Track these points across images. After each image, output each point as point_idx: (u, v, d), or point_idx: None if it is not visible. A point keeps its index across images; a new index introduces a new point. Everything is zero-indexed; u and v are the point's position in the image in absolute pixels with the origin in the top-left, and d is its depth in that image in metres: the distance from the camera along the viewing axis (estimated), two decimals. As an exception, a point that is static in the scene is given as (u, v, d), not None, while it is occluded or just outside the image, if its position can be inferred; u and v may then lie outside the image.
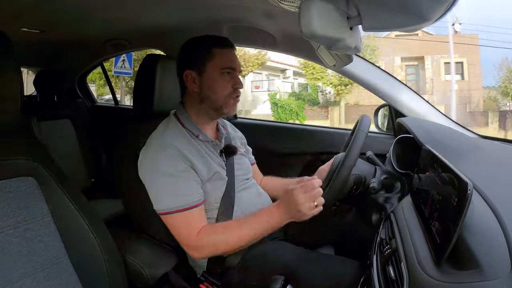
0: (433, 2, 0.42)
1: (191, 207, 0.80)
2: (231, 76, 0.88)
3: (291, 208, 0.77)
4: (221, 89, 0.87)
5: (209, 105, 0.89)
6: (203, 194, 0.84)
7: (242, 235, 0.80)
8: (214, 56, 0.86)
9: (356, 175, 0.87)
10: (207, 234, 0.81)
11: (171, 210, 0.80)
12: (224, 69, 0.86)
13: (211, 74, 0.86)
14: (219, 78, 0.86)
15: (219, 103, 0.88)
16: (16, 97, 0.64)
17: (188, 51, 0.90)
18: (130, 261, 0.82)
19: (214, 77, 0.86)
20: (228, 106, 0.89)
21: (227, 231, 0.81)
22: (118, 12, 1.09)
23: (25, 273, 0.64)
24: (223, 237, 0.81)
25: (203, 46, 0.88)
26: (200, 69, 0.87)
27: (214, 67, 0.86)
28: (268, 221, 0.80)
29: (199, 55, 0.87)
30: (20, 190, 0.67)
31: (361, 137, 0.77)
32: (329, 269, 0.82)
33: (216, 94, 0.87)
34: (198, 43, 0.89)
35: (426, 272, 0.48)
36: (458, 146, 0.91)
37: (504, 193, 0.59)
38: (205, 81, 0.87)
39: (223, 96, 0.87)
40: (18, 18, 1.10)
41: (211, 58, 0.86)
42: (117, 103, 2.23)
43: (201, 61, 0.86)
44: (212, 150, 0.91)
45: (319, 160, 1.47)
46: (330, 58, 0.75)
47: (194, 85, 0.88)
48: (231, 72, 0.88)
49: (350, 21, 0.49)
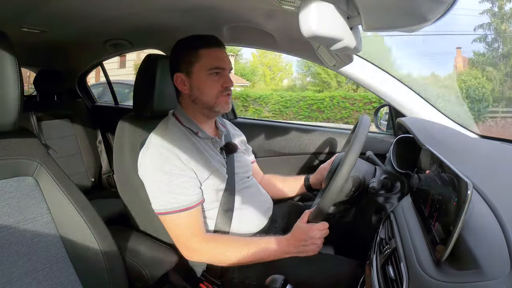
0: (433, 2, 0.42)
1: (188, 208, 0.80)
2: (219, 75, 0.87)
3: (301, 243, 0.79)
4: (210, 89, 0.87)
5: (201, 105, 0.89)
6: (201, 194, 0.84)
7: (243, 251, 0.80)
8: (201, 57, 0.86)
9: (355, 177, 0.87)
10: (209, 242, 0.82)
11: (167, 210, 0.80)
12: (211, 70, 0.86)
13: (198, 75, 0.86)
14: (207, 78, 0.86)
15: (210, 102, 0.88)
16: (16, 97, 0.64)
17: (176, 53, 0.90)
18: (130, 261, 0.82)
19: (201, 78, 0.86)
20: (220, 104, 0.88)
21: (229, 243, 0.82)
22: (118, 12, 1.09)
23: (25, 273, 0.64)
24: (223, 249, 0.81)
25: (189, 47, 0.87)
26: (188, 71, 0.87)
27: (201, 68, 0.86)
28: (276, 251, 0.81)
29: (186, 57, 0.87)
30: (20, 190, 0.68)
31: (361, 137, 0.77)
32: (328, 269, 0.82)
33: (206, 95, 0.87)
34: (184, 45, 0.89)
35: (425, 272, 0.48)
36: (458, 146, 0.91)
37: (504, 193, 0.59)
38: (193, 82, 0.87)
39: (213, 96, 0.87)
40: (18, 18, 1.10)
41: (197, 59, 0.86)
42: (117, 103, 2.23)
43: (188, 63, 0.86)
44: (212, 147, 0.91)
45: (319, 159, 1.47)
46: (330, 58, 0.75)
47: (185, 87, 0.88)
48: (219, 71, 0.87)
49: (350, 21, 0.49)
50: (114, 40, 1.49)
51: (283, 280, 0.68)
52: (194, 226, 0.82)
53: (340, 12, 0.46)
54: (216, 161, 0.90)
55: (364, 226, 0.93)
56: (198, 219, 0.83)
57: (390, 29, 0.51)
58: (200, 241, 0.82)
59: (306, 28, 0.43)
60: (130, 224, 0.97)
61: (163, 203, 0.80)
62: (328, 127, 1.57)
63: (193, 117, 0.91)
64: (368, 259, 0.73)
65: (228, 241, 0.83)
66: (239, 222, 0.90)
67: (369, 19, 0.48)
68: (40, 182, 0.71)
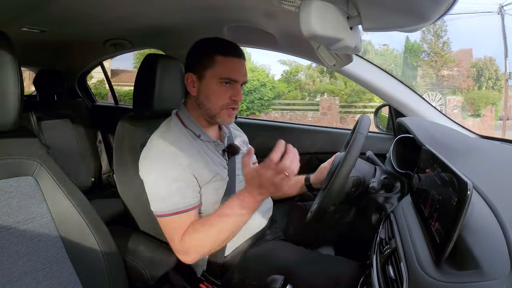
0: (433, 2, 0.42)
1: (183, 211, 0.80)
2: (230, 87, 0.84)
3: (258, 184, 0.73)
4: (217, 99, 0.84)
5: (204, 111, 0.87)
6: (198, 198, 0.84)
7: (222, 227, 0.77)
8: (216, 63, 0.83)
9: (355, 177, 0.87)
10: (189, 234, 0.79)
11: (164, 213, 0.80)
12: (223, 79, 0.83)
13: (209, 81, 0.84)
14: (217, 87, 0.83)
15: (213, 112, 0.86)
16: (16, 96, 0.64)
17: (193, 53, 0.87)
18: (130, 261, 0.82)
19: (211, 85, 0.84)
20: (222, 117, 0.86)
21: (206, 227, 0.78)
22: (118, 12, 1.09)
23: (25, 273, 0.64)
24: (203, 234, 0.78)
25: (207, 50, 0.84)
26: (200, 74, 0.84)
27: (214, 75, 0.83)
28: (241, 205, 0.76)
29: (201, 60, 0.84)
30: (20, 190, 0.68)
31: (361, 138, 0.77)
32: (328, 269, 0.82)
33: (211, 103, 0.85)
34: (203, 46, 0.86)
35: (425, 272, 0.48)
36: (458, 146, 0.91)
37: (504, 193, 0.59)
38: (203, 87, 0.85)
39: (218, 106, 0.85)
40: (18, 18, 1.10)
41: (212, 65, 0.83)
42: (117, 103, 2.23)
43: (202, 66, 0.84)
44: (213, 150, 0.91)
45: (319, 159, 1.47)
46: (330, 58, 0.75)
47: (193, 89, 0.86)
48: (231, 82, 0.84)
49: (350, 21, 0.49)
50: (114, 40, 1.49)
51: (283, 280, 0.68)
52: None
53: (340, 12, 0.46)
54: (217, 163, 0.89)
55: (364, 226, 0.93)
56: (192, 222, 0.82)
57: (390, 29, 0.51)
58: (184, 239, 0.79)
59: (306, 28, 0.44)
60: (130, 224, 0.97)
61: (161, 205, 0.80)
62: (328, 127, 1.57)
63: (196, 119, 0.89)
64: (368, 259, 0.73)
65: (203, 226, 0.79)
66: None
67: (369, 19, 0.48)
68: (40, 182, 0.71)
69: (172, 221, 0.80)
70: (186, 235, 0.79)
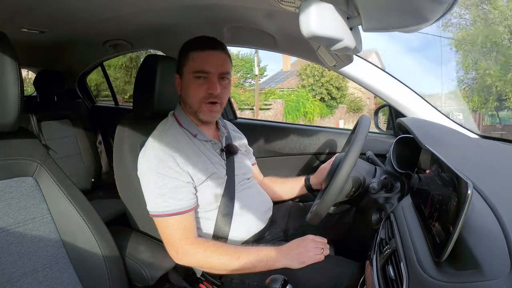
0: (433, 2, 0.42)
1: (180, 212, 0.80)
2: (205, 80, 0.85)
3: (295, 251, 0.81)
4: (194, 93, 0.86)
5: (189, 109, 0.89)
6: (195, 200, 0.84)
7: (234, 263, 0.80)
8: (189, 59, 0.86)
9: (355, 177, 0.87)
10: (200, 245, 0.81)
11: (159, 213, 0.80)
12: (196, 73, 0.84)
13: (186, 77, 0.87)
14: (192, 82, 0.86)
15: (194, 108, 0.88)
16: (16, 97, 0.64)
17: (179, 54, 0.91)
18: (130, 261, 0.82)
19: (188, 81, 0.86)
20: (202, 112, 0.87)
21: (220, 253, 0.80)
22: (118, 12, 1.09)
23: (25, 273, 0.64)
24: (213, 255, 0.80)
25: (183, 49, 0.88)
26: (181, 73, 0.88)
27: (188, 70, 0.86)
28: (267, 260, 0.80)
29: (180, 59, 0.88)
30: (20, 190, 0.68)
31: (361, 138, 0.77)
32: (328, 269, 0.82)
33: (190, 99, 0.87)
34: (182, 46, 0.90)
35: (425, 272, 0.48)
36: (458, 146, 0.91)
37: (504, 193, 0.59)
38: (183, 85, 0.88)
39: (196, 100, 0.86)
40: (18, 18, 1.10)
41: (187, 62, 0.86)
42: (117, 103, 2.23)
43: (181, 65, 0.88)
44: (210, 149, 0.91)
45: (319, 160, 1.47)
46: (330, 58, 0.75)
47: (178, 89, 0.90)
48: (205, 76, 0.85)
49: (350, 21, 0.49)
50: (114, 41, 1.49)
51: (283, 280, 0.67)
52: (185, 230, 0.82)
53: (340, 12, 0.46)
54: (215, 163, 0.90)
55: (364, 226, 0.93)
56: (190, 223, 0.83)
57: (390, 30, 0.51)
58: (190, 244, 0.81)
59: (306, 28, 0.43)
60: (130, 224, 0.98)
61: (156, 205, 0.81)
62: (328, 127, 1.57)
63: (192, 118, 0.91)
64: (368, 259, 0.73)
65: (219, 248, 0.82)
66: (238, 222, 0.90)
67: (369, 19, 0.48)
68: (40, 183, 0.71)
69: (167, 222, 0.81)
70: (194, 244, 0.81)
